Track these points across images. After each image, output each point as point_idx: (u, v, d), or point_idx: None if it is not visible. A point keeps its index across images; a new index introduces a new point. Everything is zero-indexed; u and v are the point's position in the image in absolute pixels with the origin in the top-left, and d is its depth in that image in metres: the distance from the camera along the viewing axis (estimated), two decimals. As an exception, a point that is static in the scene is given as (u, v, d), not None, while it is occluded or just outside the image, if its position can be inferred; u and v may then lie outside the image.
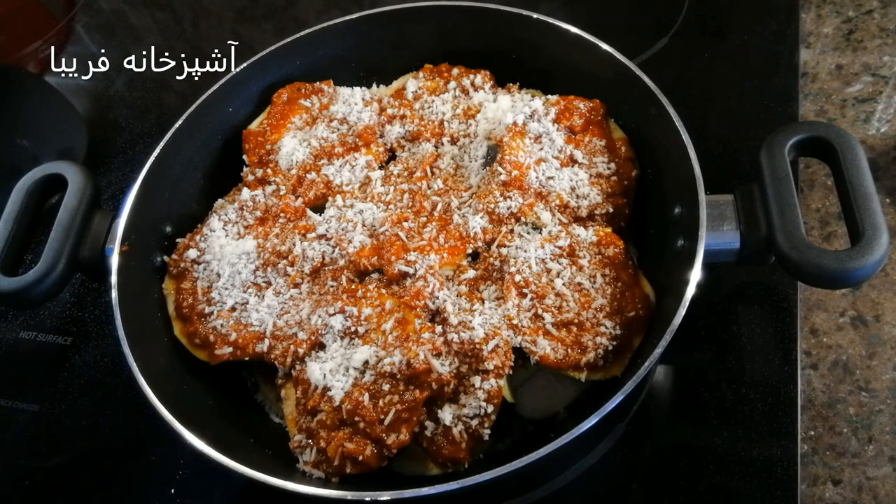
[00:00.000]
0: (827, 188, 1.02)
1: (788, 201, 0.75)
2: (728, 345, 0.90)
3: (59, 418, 0.99)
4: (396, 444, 0.73)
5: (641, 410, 0.87)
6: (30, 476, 0.95)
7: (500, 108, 0.99)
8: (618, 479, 0.84)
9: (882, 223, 0.71)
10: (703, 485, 0.80)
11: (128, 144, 1.32)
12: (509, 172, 0.90)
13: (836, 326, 0.91)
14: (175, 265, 0.93)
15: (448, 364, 0.77)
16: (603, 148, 0.95)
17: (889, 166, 1.04)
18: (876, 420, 0.84)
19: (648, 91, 0.89)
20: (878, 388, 0.86)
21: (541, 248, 0.85)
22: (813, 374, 0.88)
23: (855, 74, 1.15)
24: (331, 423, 0.75)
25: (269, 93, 1.10)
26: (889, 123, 1.09)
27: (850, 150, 0.77)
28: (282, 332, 0.85)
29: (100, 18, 1.61)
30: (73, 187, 0.93)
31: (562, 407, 0.84)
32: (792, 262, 0.73)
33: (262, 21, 1.56)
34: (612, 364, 0.79)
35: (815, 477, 0.81)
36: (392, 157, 1.05)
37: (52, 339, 1.08)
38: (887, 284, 0.93)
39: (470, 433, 0.75)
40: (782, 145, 0.79)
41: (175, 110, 1.04)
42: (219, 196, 1.02)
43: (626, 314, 0.80)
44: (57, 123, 1.42)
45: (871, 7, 1.24)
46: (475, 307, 0.83)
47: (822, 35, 1.22)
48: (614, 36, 0.98)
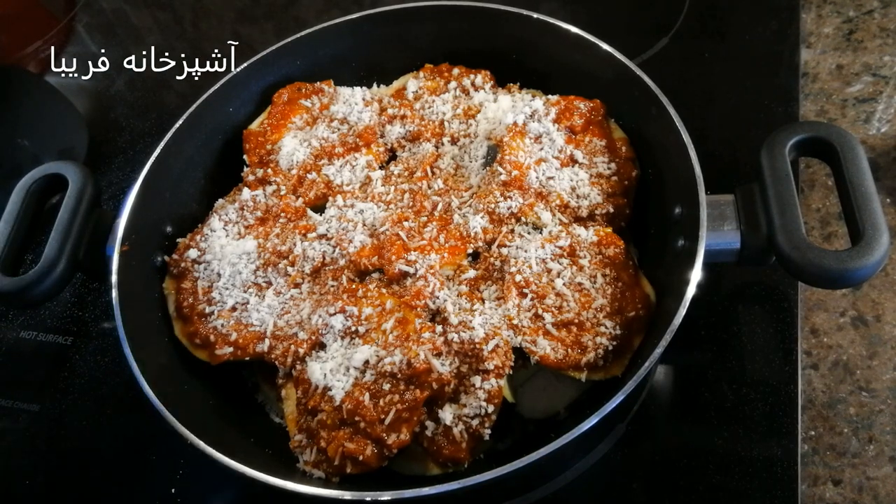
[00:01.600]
0: (827, 188, 1.02)
1: (789, 201, 0.75)
2: (728, 345, 0.90)
3: (59, 418, 0.99)
4: (397, 443, 0.73)
5: (642, 410, 0.87)
6: (30, 476, 0.95)
7: (500, 108, 0.99)
8: (618, 479, 0.84)
9: (882, 223, 0.71)
10: (703, 485, 0.80)
11: (128, 144, 1.32)
12: (509, 172, 0.90)
13: (836, 326, 0.91)
14: (175, 265, 0.93)
15: (448, 364, 0.77)
16: (603, 148, 0.95)
17: (889, 166, 1.04)
18: (876, 420, 0.84)
19: (649, 91, 0.89)
20: (878, 388, 0.86)
21: (541, 248, 0.85)
22: (813, 374, 0.88)
23: (855, 74, 1.15)
24: (331, 423, 0.75)
25: (269, 93, 1.10)
26: (889, 123, 1.09)
27: (850, 150, 0.77)
28: (282, 332, 0.85)
29: (100, 18, 1.61)
30: (74, 187, 0.93)
31: (562, 407, 0.84)
32: (792, 262, 0.73)
33: (263, 21, 1.56)
34: (612, 364, 0.79)
35: (815, 477, 0.81)
36: (392, 157, 1.05)
37: (53, 339, 1.08)
38: (887, 284, 0.93)
39: (470, 433, 0.75)
40: (783, 145, 0.79)
41: (175, 110, 1.04)
42: (219, 196, 1.02)
43: (626, 314, 0.80)
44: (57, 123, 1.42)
45: (871, 7, 1.23)
46: (475, 307, 0.83)
47: (823, 35, 1.21)
48: (614, 36, 0.98)
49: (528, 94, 1.05)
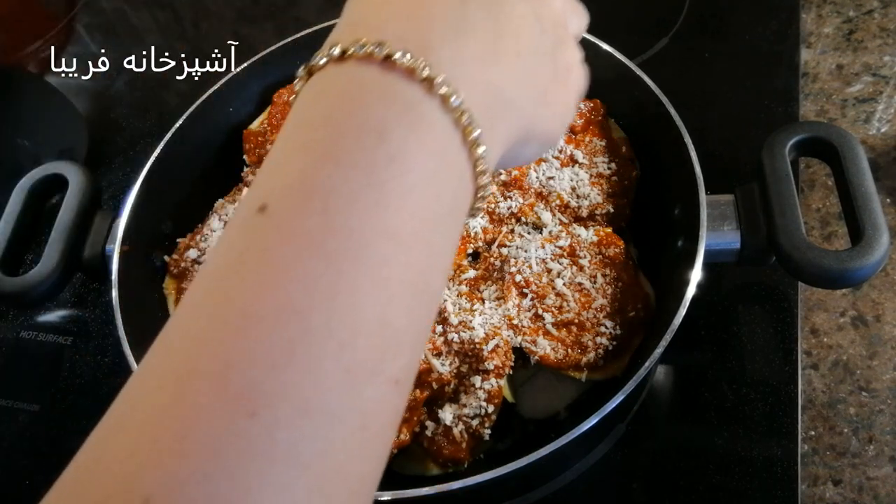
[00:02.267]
0: (827, 188, 1.02)
1: (789, 201, 0.75)
2: (728, 345, 0.90)
3: (59, 418, 0.99)
4: (397, 443, 0.73)
5: (642, 410, 0.87)
6: (30, 476, 0.95)
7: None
8: (618, 479, 0.84)
9: (882, 223, 0.71)
10: (703, 485, 0.80)
11: (128, 144, 1.32)
12: (509, 172, 0.90)
13: (836, 326, 0.91)
14: (176, 265, 0.93)
15: (448, 364, 0.77)
16: (603, 148, 0.95)
17: (889, 166, 1.04)
18: (876, 420, 0.84)
19: (649, 91, 0.89)
20: (878, 388, 0.86)
21: (541, 248, 0.85)
22: (813, 374, 0.88)
23: (855, 74, 1.15)
24: (331, 423, 0.75)
25: (269, 93, 1.10)
26: (889, 123, 1.09)
27: (850, 150, 0.77)
28: (282, 332, 0.84)
29: (100, 18, 1.61)
30: (74, 187, 0.93)
31: (562, 407, 0.84)
32: (792, 262, 0.73)
33: (263, 21, 1.56)
34: (612, 364, 0.79)
35: (815, 477, 0.81)
36: (392, 157, 1.04)
37: (53, 339, 1.08)
38: (888, 284, 0.93)
39: (470, 433, 0.75)
40: (783, 145, 0.79)
41: (175, 110, 1.04)
42: (219, 196, 1.02)
43: (626, 314, 0.80)
44: (57, 123, 1.41)
45: (871, 7, 1.23)
46: (475, 307, 0.83)
47: (823, 35, 1.21)
48: (614, 36, 0.97)
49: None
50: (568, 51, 0.47)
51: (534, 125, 0.42)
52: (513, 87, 0.38)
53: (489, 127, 0.36)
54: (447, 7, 0.36)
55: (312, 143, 0.32)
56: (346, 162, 0.30)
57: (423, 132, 0.32)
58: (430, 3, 0.35)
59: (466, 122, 0.34)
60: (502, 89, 0.37)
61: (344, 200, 0.30)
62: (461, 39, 0.35)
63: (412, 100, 0.33)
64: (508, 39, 0.38)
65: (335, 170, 0.30)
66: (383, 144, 0.31)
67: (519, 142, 0.42)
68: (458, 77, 0.34)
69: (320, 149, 0.31)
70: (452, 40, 0.35)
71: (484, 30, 0.36)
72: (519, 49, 0.38)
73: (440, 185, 0.34)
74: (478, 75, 0.35)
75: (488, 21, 0.37)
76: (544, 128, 0.44)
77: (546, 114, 0.43)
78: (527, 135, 0.42)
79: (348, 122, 0.32)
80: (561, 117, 0.47)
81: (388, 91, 0.32)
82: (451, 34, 0.35)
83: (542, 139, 0.45)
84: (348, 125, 0.32)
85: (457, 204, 0.36)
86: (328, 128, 0.32)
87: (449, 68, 0.34)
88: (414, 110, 0.32)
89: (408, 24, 0.35)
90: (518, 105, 0.39)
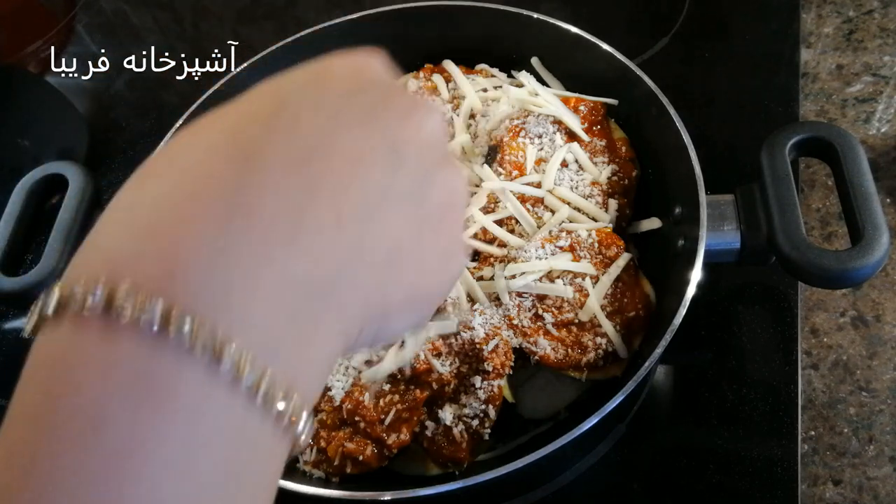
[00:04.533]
0: (827, 188, 1.02)
1: (789, 201, 0.75)
2: (728, 345, 0.90)
3: (60, 418, 0.99)
4: (397, 443, 0.73)
5: (642, 410, 0.87)
6: (30, 476, 0.95)
7: (500, 108, 0.99)
8: (618, 479, 0.84)
9: (882, 223, 0.72)
10: (703, 485, 0.80)
11: (128, 144, 1.32)
12: (509, 172, 0.90)
13: (836, 326, 0.91)
14: (175, 265, 0.93)
15: (448, 364, 0.77)
16: (603, 148, 0.95)
17: (889, 166, 1.04)
18: (876, 420, 0.84)
19: (649, 91, 0.89)
20: (878, 389, 0.86)
21: (541, 247, 0.85)
22: (813, 374, 0.88)
23: (855, 74, 1.15)
24: (331, 423, 0.75)
25: (269, 93, 1.10)
26: (889, 123, 1.09)
27: (850, 150, 0.77)
28: (282, 332, 0.84)
29: (100, 18, 1.61)
30: (74, 187, 0.93)
31: (562, 407, 0.84)
32: (792, 262, 0.73)
33: (263, 21, 1.55)
34: (612, 364, 0.79)
35: (815, 477, 0.81)
36: (392, 157, 1.04)
37: (53, 339, 1.07)
38: (888, 284, 0.93)
39: (470, 433, 0.75)
40: (783, 145, 0.79)
41: (175, 110, 1.03)
42: (219, 196, 1.02)
43: (626, 314, 0.80)
44: (57, 123, 1.41)
45: (871, 7, 1.23)
46: (475, 307, 0.83)
47: (823, 35, 1.21)
48: (614, 36, 0.98)
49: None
50: (441, 181, 0.34)
51: (389, 295, 0.32)
52: (333, 265, 0.29)
53: (298, 343, 0.27)
54: (218, 188, 0.28)
55: (29, 436, 0.25)
56: (60, 464, 0.23)
57: (167, 410, 0.24)
58: (195, 191, 0.28)
59: (251, 375, 0.25)
60: (314, 276, 0.28)
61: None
62: (234, 239, 0.26)
63: (147, 368, 0.25)
64: (326, 201, 0.29)
65: (51, 471, 0.24)
66: (100, 436, 0.23)
67: (372, 319, 0.32)
68: (225, 305, 0.25)
69: (34, 442, 0.25)
70: (214, 254, 0.26)
71: (283, 197, 0.28)
72: (349, 210, 0.29)
73: (213, 472, 0.25)
74: (267, 277, 0.26)
75: (293, 178, 0.28)
76: (411, 293, 0.34)
77: (407, 276, 0.33)
78: (383, 308, 0.32)
79: (61, 408, 0.25)
80: (437, 272, 0.35)
81: (108, 359, 0.25)
82: (215, 236, 0.26)
83: (413, 306, 0.35)
84: (61, 413, 0.25)
85: (254, 472, 0.27)
86: (44, 418, 0.25)
87: (210, 301, 0.25)
88: (151, 380, 0.24)
89: (146, 246, 0.26)
90: (350, 283, 0.29)
